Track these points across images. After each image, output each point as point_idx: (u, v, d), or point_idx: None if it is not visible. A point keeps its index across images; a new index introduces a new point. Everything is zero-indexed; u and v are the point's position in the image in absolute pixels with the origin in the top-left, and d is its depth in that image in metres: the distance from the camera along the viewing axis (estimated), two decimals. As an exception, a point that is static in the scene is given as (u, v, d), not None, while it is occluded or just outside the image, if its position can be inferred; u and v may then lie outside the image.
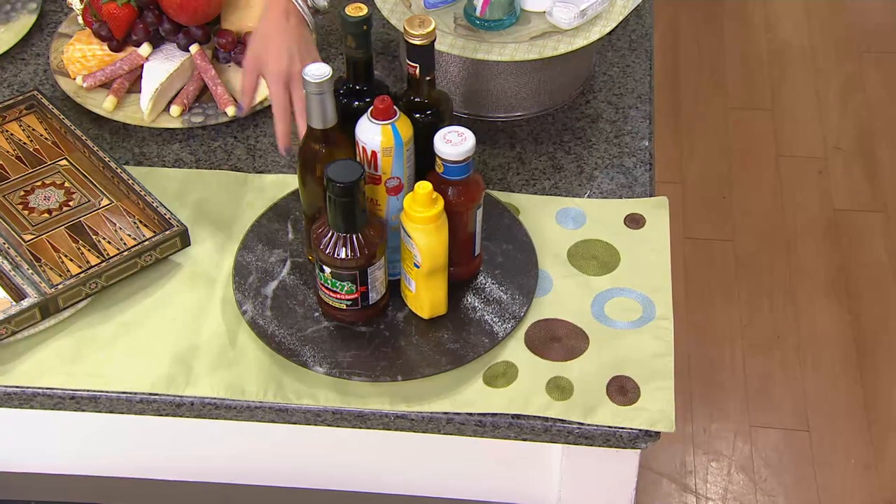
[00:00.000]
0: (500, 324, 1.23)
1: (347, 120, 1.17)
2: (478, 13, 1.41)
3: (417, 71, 1.17)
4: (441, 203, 1.16)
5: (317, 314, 1.23)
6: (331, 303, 1.21)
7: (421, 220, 1.16)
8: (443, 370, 1.19)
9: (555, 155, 1.43)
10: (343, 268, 1.17)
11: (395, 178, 1.19)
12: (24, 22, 1.58)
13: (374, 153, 1.17)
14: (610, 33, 1.59)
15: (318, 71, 1.12)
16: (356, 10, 1.15)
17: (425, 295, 1.22)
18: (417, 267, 1.19)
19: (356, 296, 1.20)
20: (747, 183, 2.73)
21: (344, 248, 1.16)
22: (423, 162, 1.20)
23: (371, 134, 1.16)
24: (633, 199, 1.38)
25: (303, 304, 1.24)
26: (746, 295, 2.49)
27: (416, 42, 1.15)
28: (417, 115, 1.19)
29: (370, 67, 1.19)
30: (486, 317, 1.23)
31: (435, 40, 1.16)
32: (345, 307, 1.21)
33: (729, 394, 2.32)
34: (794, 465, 2.20)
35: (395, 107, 1.16)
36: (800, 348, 2.38)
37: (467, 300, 1.25)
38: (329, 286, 1.19)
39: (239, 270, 1.27)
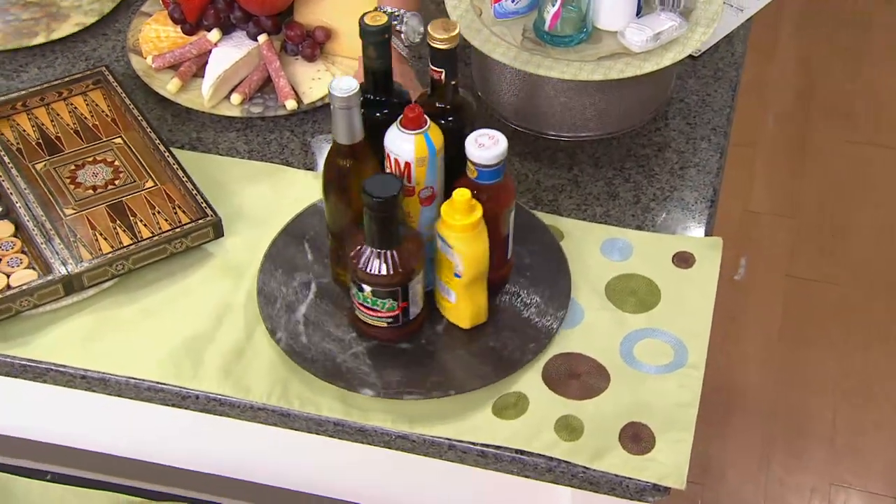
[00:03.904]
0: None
1: (368, 132, 1.14)
2: (546, 27, 1.36)
3: (443, 76, 1.14)
4: (479, 209, 1.13)
5: (331, 324, 1.20)
6: (370, 322, 1.18)
7: (461, 228, 1.12)
8: (451, 394, 1.15)
9: (612, 181, 1.37)
10: (384, 285, 1.13)
11: (429, 188, 1.16)
12: (112, -3, 1.61)
13: (407, 164, 1.14)
14: (695, 59, 1.53)
15: (345, 85, 1.08)
16: (375, 19, 1.12)
17: (465, 304, 1.18)
18: (458, 276, 1.15)
19: (398, 312, 1.16)
20: (865, 224, 2.58)
21: (385, 265, 1.12)
22: (451, 169, 1.16)
23: (404, 144, 1.13)
24: (685, 237, 1.31)
25: (328, 315, 1.22)
26: (846, 342, 2.36)
27: (441, 46, 1.11)
28: (442, 121, 1.15)
29: (390, 77, 1.15)
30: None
31: (457, 46, 1.12)
32: (385, 325, 1.17)
33: (813, 445, 2.20)
34: (873, 532, 2.07)
35: (425, 115, 1.12)
36: (897, 406, 2.25)
37: (488, 325, 1.20)
38: (369, 305, 1.16)
39: (265, 267, 1.25)
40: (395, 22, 1.32)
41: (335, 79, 1.08)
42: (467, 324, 1.20)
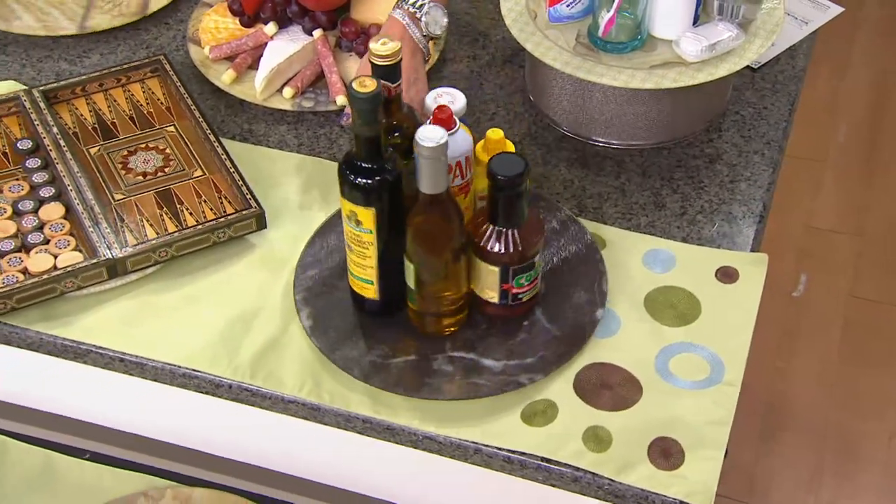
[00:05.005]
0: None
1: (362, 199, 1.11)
2: (600, 33, 1.34)
3: (401, 86, 1.13)
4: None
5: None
6: (529, 296, 1.19)
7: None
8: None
9: (660, 191, 1.35)
10: (537, 249, 1.16)
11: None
12: (176, -13, 1.63)
13: (467, 158, 1.16)
14: (755, 71, 1.50)
15: (432, 134, 1.05)
16: (364, 85, 1.05)
17: None
18: None
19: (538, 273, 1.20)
20: (935, 248, 2.52)
21: (524, 236, 1.14)
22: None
23: (461, 141, 1.15)
24: (730, 251, 1.28)
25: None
26: (908, 367, 2.31)
27: (385, 63, 1.09)
28: (396, 134, 1.14)
29: (380, 143, 1.09)
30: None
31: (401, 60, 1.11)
32: (536, 291, 1.20)
33: (866, 470, 2.15)
34: (922, 561, 2.02)
35: None
36: (955, 436, 2.19)
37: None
38: (535, 276, 1.17)
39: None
40: (417, 11, 1.32)
41: (422, 127, 1.05)
42: None
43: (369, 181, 1.09)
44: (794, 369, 2.31)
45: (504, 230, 1.13)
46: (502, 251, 1.14)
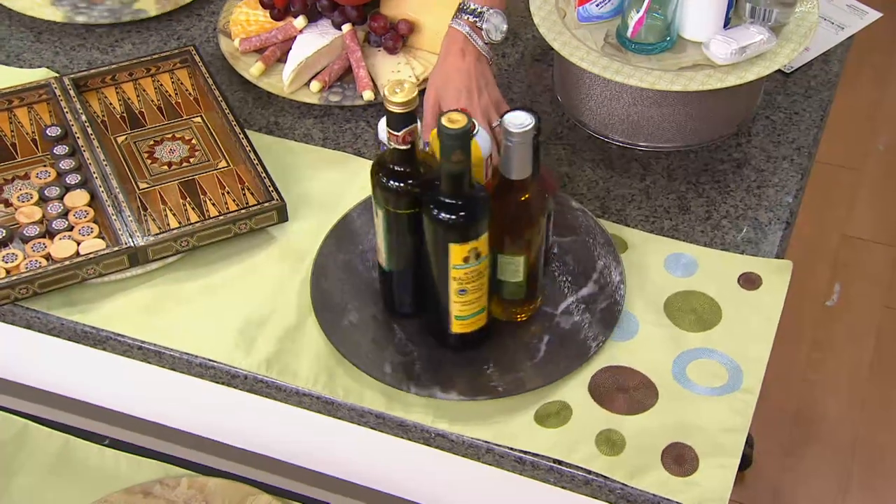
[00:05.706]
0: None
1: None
2: (629, 34, 1.33)
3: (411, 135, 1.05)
4: None
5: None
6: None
7: None
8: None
9: (685, 195, 1.34)
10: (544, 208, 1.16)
11: None
12: (209, -21, 1.64)
13: (491, 157, 1.17)
14: (787, 75, 1.48)
15: (520, 120, 1.03)
16: (453, 121, 1.00)
17: None
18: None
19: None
20: (975, 261, 2.47)
21: (544, 182, 1.15)
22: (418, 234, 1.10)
23: (482, 141, 1.16)
24: (754, 258, 1.27)
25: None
26: (940, 382, 2.27)
27: (400, 111, 1.02)
28: (402, 184, 1.08)
29: (468, 179, 1.05)
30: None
31: (416, 107, 1.04)
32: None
33: (893, 485, 2.12)
34: (949, 578, 1.99)
35: None
36: None
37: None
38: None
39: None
40: (477, 19, 1.32)
41: (509, 113, 1.03)
42: None
43: (478, 209, 1.05)
44: (825, 380, 2.28)
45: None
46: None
